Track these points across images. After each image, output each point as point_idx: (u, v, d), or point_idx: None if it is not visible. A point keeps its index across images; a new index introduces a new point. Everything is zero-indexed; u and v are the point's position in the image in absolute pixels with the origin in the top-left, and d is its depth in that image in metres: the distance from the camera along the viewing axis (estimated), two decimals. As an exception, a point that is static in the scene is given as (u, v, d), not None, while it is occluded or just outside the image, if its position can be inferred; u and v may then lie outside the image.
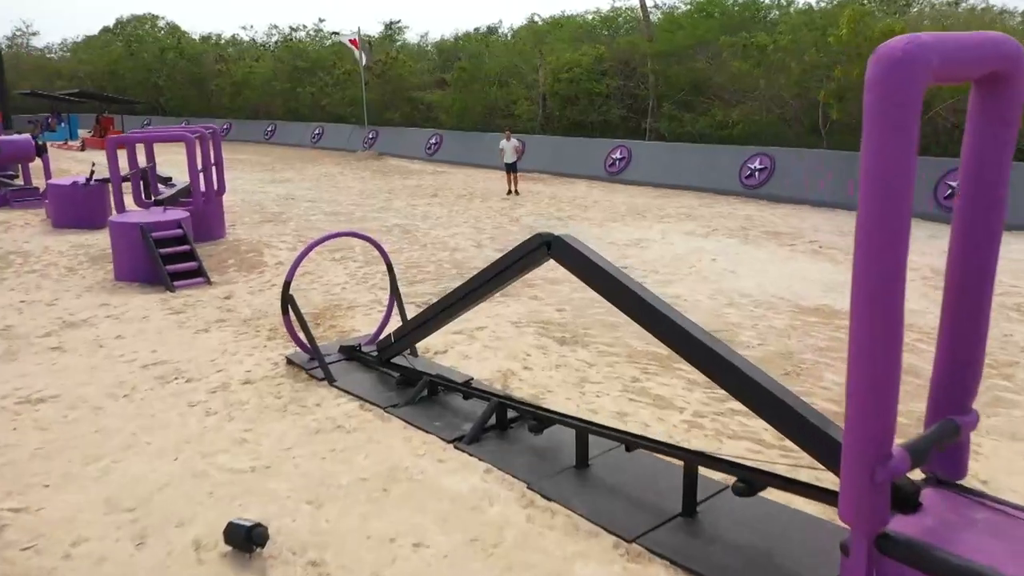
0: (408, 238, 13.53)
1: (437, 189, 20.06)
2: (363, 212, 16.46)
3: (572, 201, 17.59)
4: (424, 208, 16.96)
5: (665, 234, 13.65)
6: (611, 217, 15.48)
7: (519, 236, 13.21)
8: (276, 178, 22.82)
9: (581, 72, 21.25)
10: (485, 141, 24.41)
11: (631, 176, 19.36)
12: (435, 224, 14.95)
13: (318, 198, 18.66)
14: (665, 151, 19.11)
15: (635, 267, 11.22)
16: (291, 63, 33.70)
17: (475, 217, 15.73)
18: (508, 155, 17.44)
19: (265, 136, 34.93)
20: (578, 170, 20.75)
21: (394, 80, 28.38)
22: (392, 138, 28.32)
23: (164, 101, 41.48)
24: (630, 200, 17.48)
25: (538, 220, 15.24)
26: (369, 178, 22.65)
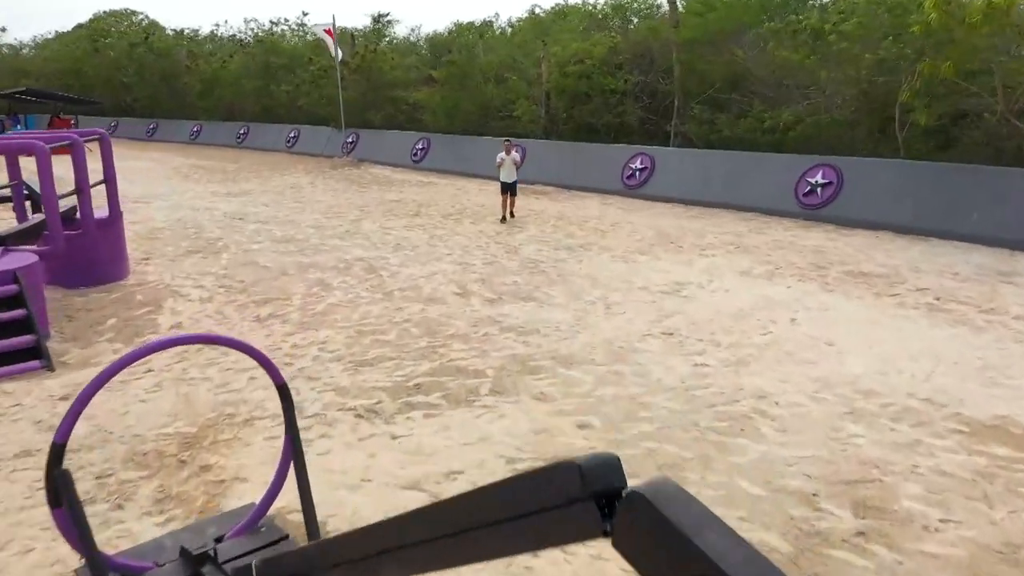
0: (370, 281, 10.10)
1: (420, 206, 16.65)
2: (321, 239, 13.04)
3: (584, 223, 14.17)
4: (400, 233, 13.54)
5: (713, 274, 10.23)
6: (636, 246, 12.07)
7: (520, 278, 9.82)
8: (233, 190, 19.41)
9: (592, 64, 17.86)
10: (478, 147, 21.01)
11: (655, 190, 15.95)
12: (410, 257, 11.53)
13: (273, 217, 15.24)
14: (696, 160, 15.69)
15: (684, 333, 7.81)
16: (263, 59, 30.27)
17: (462, 246, 12.32)
18: (507, 171, 13.94)
19: (237, 140, 31.53)
20: (590, 182, 17.34)
21: (375, 77, 24.98)
22: (374, 142, 24.92)
23: (131, 101, 38.04)
24: (657, 222, 14.05)
25: (543, 250, 11.84)
26: (342, 191, 19.24)
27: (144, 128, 37.48)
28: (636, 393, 6.37)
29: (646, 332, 7.89)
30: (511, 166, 13.82)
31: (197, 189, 19.61)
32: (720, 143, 16.12)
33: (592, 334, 7.84)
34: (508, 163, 13.80)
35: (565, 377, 6.69)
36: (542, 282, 9.94)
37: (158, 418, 5.85)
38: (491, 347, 7.48)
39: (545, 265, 10.92)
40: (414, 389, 6.46)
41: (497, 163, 13.96)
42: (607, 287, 9.68)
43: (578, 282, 9.95)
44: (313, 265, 11.02)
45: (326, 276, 10.36)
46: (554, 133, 20.21)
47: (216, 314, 8.58)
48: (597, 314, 8.55)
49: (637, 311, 8.62)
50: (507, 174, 13.83)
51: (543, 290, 9.58)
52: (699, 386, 6.49)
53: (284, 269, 10.78)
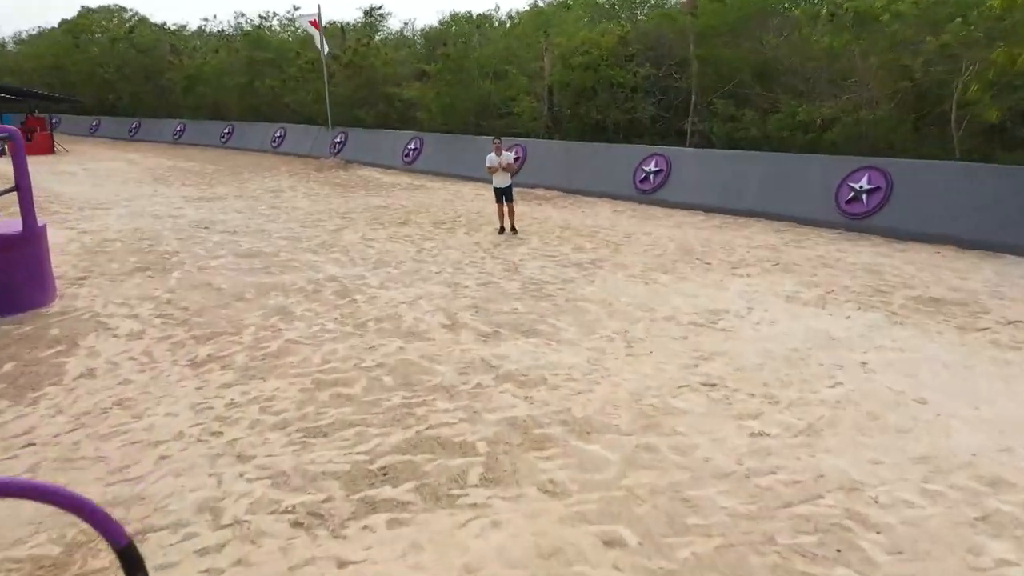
0: (341, 309, 8.41)
1: (410, 213, 14.96)
2: (293, 252, 11.35)
3: (594, 233, 12.47)
4: (384, 246, 11.86)
5: (752, 300, 8.54)
6: (656, 263, 10.39)
7: (521, 305, 8.14)
8: (206, 195, 17.73)
9: (599, 56, 16.15)
10: (475, 147, 19.32)
11: (672, 195, 14.26)
12: (392, 277, 9.84)
13: (243, 227, 13.56)
14: (719, 162, 13.98)
15: (729, 384, 6.15)
16: (247, 54, 28.55)
17: (454, 263, 10.64)
18: (499, 176, 12.16)
19: (221, 140, 29.86)
20: (598, 186, 15.65)
21: (366, 72, 23.28)
22: (363, 142, 23.23)
23: (114, 99, 36.35)
24: (677, 232, 12.36)
25: (548, 268, 10.16)
26: (326, 195, 17.55)
27: (127, 127, 35.86)
28: (679, 482, 4.69)
29: (682, 382, 6.21)
30: (503, 169, 12.08)
31: (167, 193, 17.92)
32: (746, 143, 14.42)
33: (613, 385, 6.16)
34: (502, 167, 12.06)
35: (582, 455, 5.01)
36: (547, 310, 8.26)
37: (12, 530, 4.17)
38: (484, 405, 5.79)
39: (551, 287, 9.23)
40: (378, 476, 4.77)
41: (487, 167, 12.22)
42: (626, 317, 8.00)
43: (591, 310, 8.27)
44: (277, 287, 9.33)
45: (290, 302, 8.67)
46: (558, 132, 18.52)
47: (142, 356, 6.89)
48: (617, 355, 6.87)
49: (666, 351, 6.93)
50: (501, 179, 12.09)
51: (549, 321, 7.90)
52: (763, 470, 4.81)
53: (241, 292, 9.09)
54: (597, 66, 16.22)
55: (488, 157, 12.25)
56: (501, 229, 12.31)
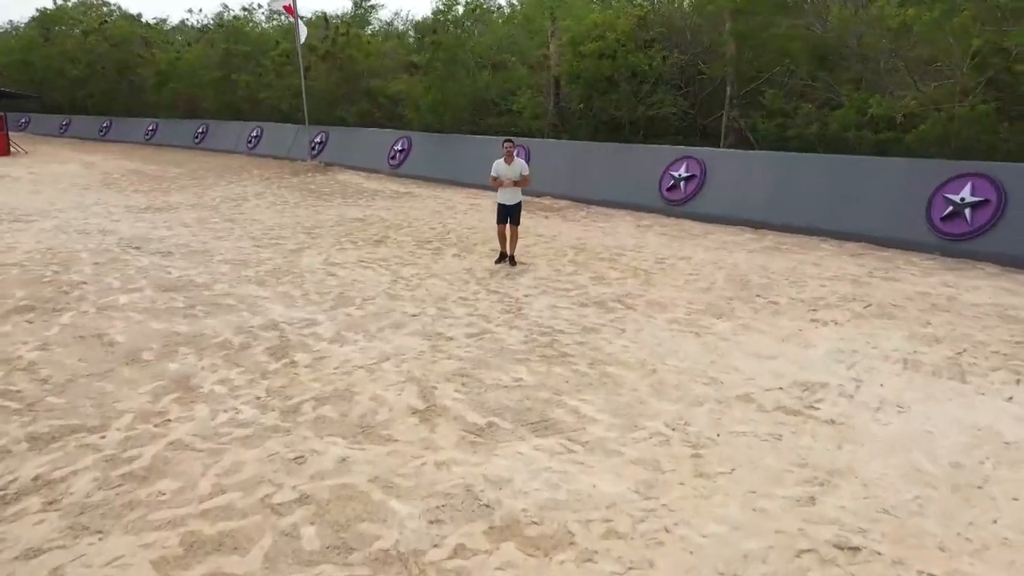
0: (271, 379, 5.91)
1: (390, 227, 12.45)
2: (233, 283, 8.84)
3: (616, 257, 9.96)
4: (352, 273, 9.35)
5: (856, 364, 6.04)
6: (705, 301, 7.88)
7: (528, 372, 5.63)
8: (156, 204, 15.20)
9: (616, 41, 13.62)
10: (469, 149, 16.82)
11: (707, 206, 11.76)
12: (353, 322, 7.33)
13: (184, 246, 11.05)
14: (765, 166, 11.47)
15: (873, 543, 3.62)
16: (222, 47, 26.01)
17: (439, 299, 8.12)
18: (506, 191, 9.51)
19: (194, 140, 27.32)
20: (617, 195, 13.14)
21: (347, 64, 20.76)
22: (346, 143, 20.71)
23: (83, 96, 33.81)
24: (723, 255, 9.84)
25: (561, 308, 7.66)
26: (294, 205, 15.03)
27: (97, 127, 33.35)
28: None
29: (800, 543, 3.71)
30: (511, 183, 9.44)
31: (112, 202, 15.39)
32: (797, 143, 11.88)
33: (684, 550, 3.66)
34: (508, 176, 9.42)
35: None
36: (566, 381, 5.75)
37: None
38: (469, 607, 3.28)
39: (567, 339, 6.73)
40: None
41: (492, 177, 9.62)
42: (681, 394, 5.50)
43: (627, 381, 5.76)
44: (192, 340, 6.81)
45: (201, 367, 6.15)
46: (565, 130, 15.99)
47: (-72, 480, 4.36)
48: (681, 475, 4.38)
49: (756, 468, 4.43)
50: (507, 194, 9.46)
51: (569, 402, 5.40)
52: None
53: (139, 350, 6.56)
54: (613, 53, 13.70)
55: (494, 165, 9.51)
56: (502, 256, 9.71)
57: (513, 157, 9.46)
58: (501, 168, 9.44)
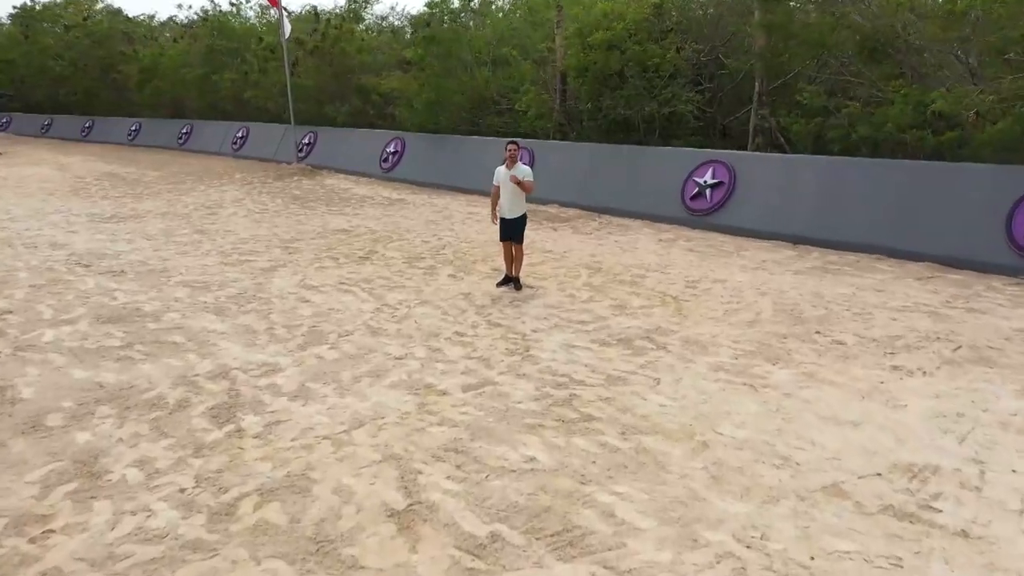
0: (205, 458, 4.53)
1: (378, 240, 11.05)
2: (187, 312, 7.45)
3: (639, 278, 8.55)
4: (329, 299, 7.95)
5: (968, 437, 4.69)
6: (753, 339, 6.49)
7: (542, 446, 4.24)
8: (122, 213, 13.81)
9: (627, 30, 12.20)
10: (467, 151, 15.43)
11: (737, 218, 10.37)
12: (323, 369, 5.96)
13: (141, 263, 9.67)
14: (806, 172, 10.06)
15: None
16: (207, 42, 24.57)
17: (430, 334, 6.73)
18: (508, 204, 8.00)
19: (179, 141, 25.90)
20: (633, 204, 11.75)
21: (338, 60, 19.33)
22: (335, 144, 19.30)
23: (65, 95, 32.38)
24: (764, 278, 8.44)
25: (578, 347, 6.29)
26: (274, 213, 13.62)
27: (79, 127, 31.90)
28: None
29: None
30: (514, 193, 7.97)
31: (74, 210, 13.97)
32: (840, 145, 10.47)
33: None
34: (510, 184, 7.98)
35: None
36: (593, 462, 4.40)
37: None
38: None
39: (589, 395, 5.35)
40: None
41: (493, 186, 8.20)
42: (749, 484, 4.13)
43: (674, 461, 4.41)
44: (118, 396, 5.42)
45: (116, 439, 4.78)
46: (572, 131, 14.59)
47: None
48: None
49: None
50: (509, 205, 8.03)
51: (600, 498, 4.05)
52: None
53: (42, 412, 5.17)
54: (623, 44, 12.29)
55: (497, 172, 8.08)
56: (506, 279, 8.28)
57: (516, 161, 8.02)
58: (501, 173, 8.03)
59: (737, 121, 14.34)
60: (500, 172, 8.03)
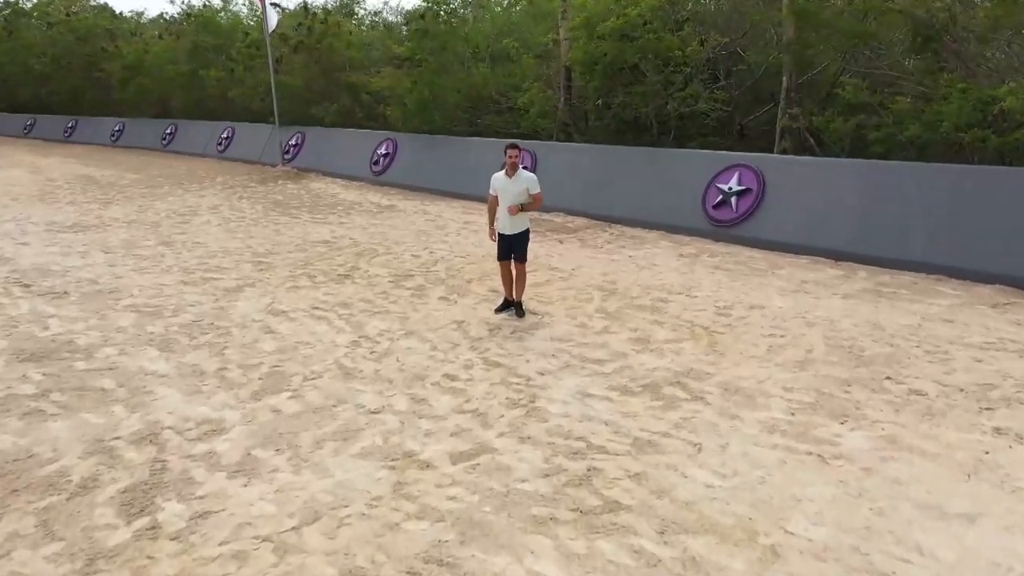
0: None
1: (361, 254, 9.85)
2: (126, 346, 6.28)
3: (661, 304, 7.37)
4: (298, 328, 6.77)
5: None
6: (809, 386, 5.32)
7: (557, 556, 2.91)
8: (86, 221, 12.63)
9: (640, 18, 11.00)
10: (464, 153, 14.24)
11: (767, 230, 9.19)
12: (276, 428, 4.78)
13: (90, 282, 8.51)
14: (847, 178, 8.86)
15: None
16: (191, 39, 23.36)
17: (414, 378, 5.56)
18: (508, 220, 6.74)
19: (162, 142, 24.70)
20: (648, 213, 10.57)
21: (327, 57, 18.13)
22: (324, 146, 18.10)
23: (47, 94, 31.17)
24: (809, 304, 7.24)
25: (597, 401, 5.12)
26: (252, 221, 12.43)
27: (62, 127, 30.72)
28: None
29: None
30: (513, 210, 6.68)
31: (34, 218, 12.77)
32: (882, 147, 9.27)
33: None
34: (511, 195, 6.71)
35: None
36: (631, 599, 3.17)
37: None
38: None
39: (614, 471, 4.21)
40: None
41: (490, 194, 6.96)
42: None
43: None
44: (7, 471, 4.29)
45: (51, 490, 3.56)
46: (578, 131, 13.40)
47: None
48: None
49: None
50: (509, 220, 6.75)
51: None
52: None
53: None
54: (635, 32, 11.09)
55: (493, 180, 6.83)
56: (506, 303, 7.07)
57: (518, 169, 6.80)
58: (501, 183, 6.79)
59: (757, 121, 13.17)
60: (499, 180, 6.81)
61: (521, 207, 6.70)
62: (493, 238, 6.97)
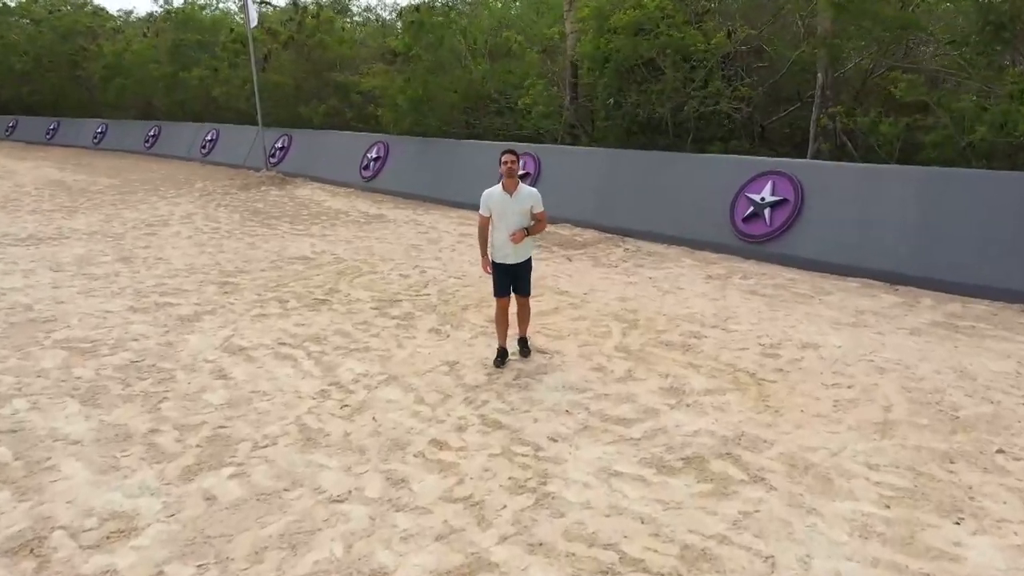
0: None
1: (343, 273, 8.66)
2: (43, 394, 5.13)
3: (693, 342, 6.18)
4: (257, 371, 5.60)
5: None
6: (900, 464, 4.20)
7: None
8: (45, 231, 11.50)
9: (658, 10, 9.82)
10: (460, 157, 13.07)
11: (807, 247, 8.04)
12: (210, 529, 3.62)
13: (26, 307, 7.41)
14: (904, 189, 7.67)
15: None
16: (173, 37, 22.18)
17: (394, 444, 4.43)
18: (507, 245, 5.42)
19: (145, 144, 23.52)
20: (667, 225, 9.40)
21: (316, 54, 16.94)
22: (311, 149, 16.94)
23: (28, 93, 30.00)
24: (872, 341, 6.07)
25: (625, 483, 4.01)
26: (226, 234, 11.25)
27: (44, 129, 29.57)
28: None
29: None
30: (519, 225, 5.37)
31: None
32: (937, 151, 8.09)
33: None
34: (511, 216, 5.39)
35: None
36: None
37: None
38: None
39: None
40: None
41: (480, 215, 5.59)
42: None
43: None
44: None
45: None
46: (586, 134, 12.22)
47: None
48: None
49: None
50: (510, 246, 5.42)
51: None
52: None
53: None
54: (653, 25, 9.93)
55: (485, 197, 5.49)
56: (502, 354, 5.70)
57: (517, 181, 5.48)
58: (497, 200, 5.44)
59: (781, 122, 12.01)
60: (494, 198, 5.46)
61: (526, 231, 5.47)
62: (487, 269, 5.65)
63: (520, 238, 5.38)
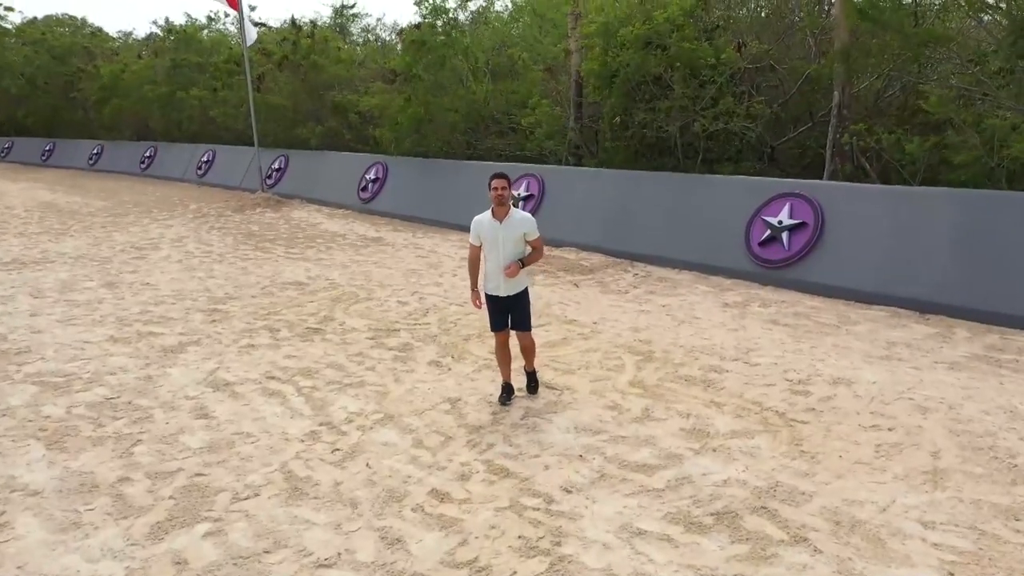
0: None
1: (339, 300, 8.22)
2: (11, 430, 4.59)
3: (714, 377, 5.74)
4: (242, 410, 5.15)
5: None
6: (957, 521, 3.77)
7: None
8: (30, 255, 11.14)
9: (668, 22, 9.46)
10: (462, 179, 12.69)
11: (828, 273, 7.64)
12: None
13: (3, 337, 6.88)
14: (935, 213, 7.26)
15: None
16: (171, 58, 21.90)
17: (389, 496, 4.01)
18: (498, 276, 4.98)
19: (140, 166, 23.19)
20: (678, 250, 8.98)
21: (313, 74, 16.62)
22: (308, 170, 16.57)
23: (22, 115, 29.77)
24: (909, 378, 5.62)
25: (651, 544, 3.52)
26: (217, 257, 10.83)
27: (40, 150, 29.31)
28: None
29: None
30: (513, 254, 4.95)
31: (-31, 252, 11.17)
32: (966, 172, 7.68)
33: None
34: (503, 245, 4.95)
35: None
36: None
37: None
38: None
39: None
40: None
41: (471, 245, 5.17)
42: None
43: None
44: None
45: None
46: (592, 155, 11.84)
47: None
48: None
49: None
50: (501, 276, 4.98)
51: None
52: None
53: None
54: (664, 40, 9.57)
55: (475, 224, 5.12)
56: (507, 390, 5.29)
57: (509, 207, 5.03)
58: (488, 229, 5.01)
59: (792, 143, 11.63)
60: (483, 225, 5.03)
61: (521, 263, 5.02)
62: (478, 303, 5.19)
63: (515, 271, 4.92)
